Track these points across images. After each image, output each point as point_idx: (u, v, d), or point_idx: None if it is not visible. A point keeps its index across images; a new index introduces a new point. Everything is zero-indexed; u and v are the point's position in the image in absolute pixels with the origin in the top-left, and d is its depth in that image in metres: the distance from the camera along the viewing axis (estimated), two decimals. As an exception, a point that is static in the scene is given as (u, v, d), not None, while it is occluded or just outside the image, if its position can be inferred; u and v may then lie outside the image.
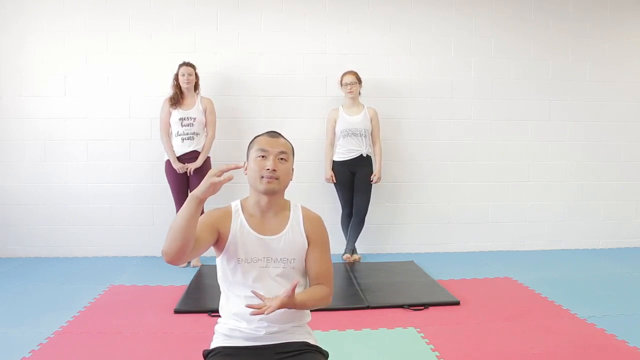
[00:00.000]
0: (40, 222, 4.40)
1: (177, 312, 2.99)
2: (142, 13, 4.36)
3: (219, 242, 1.62)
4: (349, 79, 4.21)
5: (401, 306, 3.09)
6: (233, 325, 1.62)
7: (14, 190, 4.38)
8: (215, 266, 1.69)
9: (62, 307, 3.08)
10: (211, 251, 1.63)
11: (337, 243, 4.53)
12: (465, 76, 4.63)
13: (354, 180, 4.25)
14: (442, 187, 4.66)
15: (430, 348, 2.49)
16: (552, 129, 4.73)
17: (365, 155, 4.20)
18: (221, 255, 1.65)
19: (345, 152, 4.24)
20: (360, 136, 4.18)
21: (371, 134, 4.25)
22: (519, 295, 3.38)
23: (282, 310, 1.52)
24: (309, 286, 1.69)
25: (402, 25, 4.56)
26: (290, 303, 1.50)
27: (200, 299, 3.25)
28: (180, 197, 4.06)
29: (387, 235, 4.51)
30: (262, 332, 1.60)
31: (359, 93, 4.27)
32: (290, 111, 4.50)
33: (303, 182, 4.54)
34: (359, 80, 4.23)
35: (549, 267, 4.13)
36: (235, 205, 1.68)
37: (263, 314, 1.46)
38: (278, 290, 1.56)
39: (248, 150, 1.67)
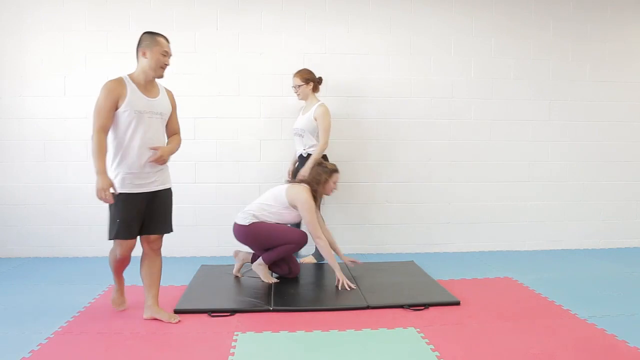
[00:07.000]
0: (40, 222, 4.41)
1: (177, 312, 2.98)
2: (141, 13, 4.36)
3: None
4: (292, 81, 4.13)
5: (401, 306, 3.09)
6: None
7: (14, 190, 4.39)
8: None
9: (62, 307, 3.09)
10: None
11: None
12: (465, 76, 4.63)
13: None
14: (442, 187, 4.66)
15: (430, 348, 2.49)
16: (552, 129, 4.73)
17: (305, 155, 4.11)
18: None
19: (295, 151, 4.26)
20: (300, 136, 4.12)
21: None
22: (519, 295, 3.38)
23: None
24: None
25: (402, 25, 4.56)
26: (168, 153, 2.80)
27: (200, 299, 3.25)
28: None
29: (387, 235, 4.50)
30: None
31: (313, 92, 4.12)
32: (290, 111, 4.50)
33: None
34: (306, 80, 4.07)
35: (549, 267, 4.13)
36: (126, 78, 2.72)
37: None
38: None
39: (147, 42, 2.73)
